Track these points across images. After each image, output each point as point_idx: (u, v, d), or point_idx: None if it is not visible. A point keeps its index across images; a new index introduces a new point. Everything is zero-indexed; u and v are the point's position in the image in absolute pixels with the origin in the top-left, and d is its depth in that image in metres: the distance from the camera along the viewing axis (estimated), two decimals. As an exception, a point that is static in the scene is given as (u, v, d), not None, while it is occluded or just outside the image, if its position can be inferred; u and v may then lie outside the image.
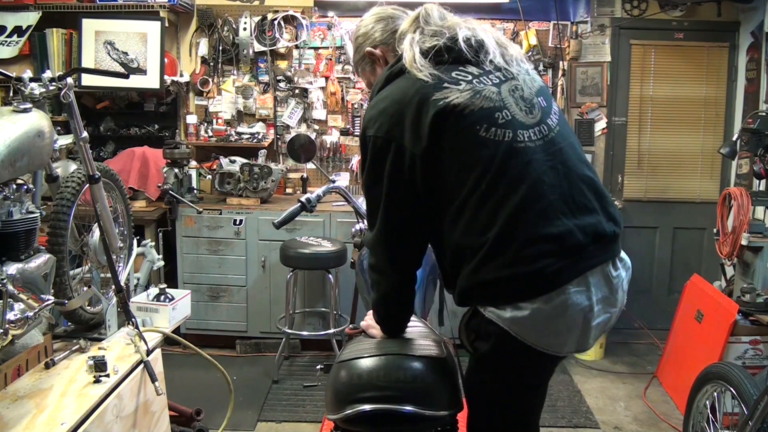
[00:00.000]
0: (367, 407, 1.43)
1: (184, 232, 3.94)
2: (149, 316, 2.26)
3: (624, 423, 3.26)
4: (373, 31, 1.65)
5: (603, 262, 1.39)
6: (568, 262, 1.34)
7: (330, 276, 3.68)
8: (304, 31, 4.30)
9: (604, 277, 1.40)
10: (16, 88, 1.73)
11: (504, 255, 1.33)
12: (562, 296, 1.33)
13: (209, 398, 3.04)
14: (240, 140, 4.31)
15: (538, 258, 1.32)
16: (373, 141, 1.45)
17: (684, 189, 4.45)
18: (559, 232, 1.34)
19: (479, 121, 1.38)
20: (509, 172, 1.36)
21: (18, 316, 1.57)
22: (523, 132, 1.40)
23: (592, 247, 1.37)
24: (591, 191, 1.43)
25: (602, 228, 1.40)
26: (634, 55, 4.35)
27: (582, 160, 1.48)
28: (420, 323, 1.72)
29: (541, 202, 1.35)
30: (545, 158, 1.40)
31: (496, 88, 1.42)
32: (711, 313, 3.27)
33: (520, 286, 1.34)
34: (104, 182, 2.09)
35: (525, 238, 1.33)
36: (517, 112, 1.42)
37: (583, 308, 1.36)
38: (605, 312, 1.41)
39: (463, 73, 1.44)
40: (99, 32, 4.00)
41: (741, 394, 2.23)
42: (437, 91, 1.40)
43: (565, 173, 1.41)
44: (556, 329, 1.36)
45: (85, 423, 1.63)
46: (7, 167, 1.56)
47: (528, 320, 1.33)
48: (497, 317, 1.36)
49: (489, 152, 1.36)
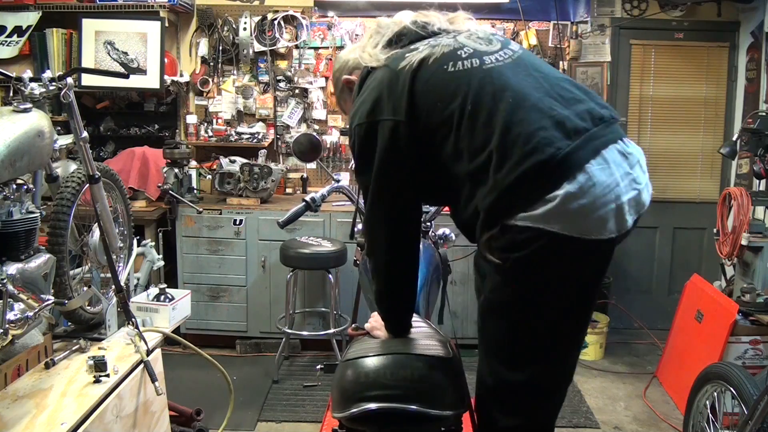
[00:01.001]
0: (373, 406, 1.42)
1: (184, 232, 3.94)
2: (149, 316, 2.26)
3: (624, 423, 3.26)
4: (345, 61, 1.72)
5: (613, 141, 1.37)
6: (579, 143, 1.33)
7: (330, 276, 3.68)
8: (304, 31, 4.30)
9: (620, 154, 1.37)
10: (16, 88, 1.73)
11: (513, 155, 1.32)
12: (585, 175, 1.31)
13: (209, 398, 3.04)
14: (240, 140, 4.31)
15: (546, 145, 1.31)
16: (357, 130, 1.50)
17: (684, 189, 4.45)
18: (557, 120, 1.34)
19: (445, 61, 1.45)
20: (487, 87, 1.39)
21: (18, 316, 1.57)
22: (488, 56, 1.45)
23: (595, 128, 1.36)
24: (574, 87, 1.44)
25: (598, 112, 1.40)
26: (634, 55, 4.35)
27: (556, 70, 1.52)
28: (424, 323, 1.72)
29: (530, 100, 1.37)
30: (518, 70, 1.43)
31: (451, 39, 1.51)
32: (711, 313, 3.27)
33: (540, 177, 1.30)
34: (104, 182, 2.09)
35: (527, 132, 1.32)
36: (477, 46, 1.48)
37: (609, 184, 1.33)
38: (632, 188, 1.37)
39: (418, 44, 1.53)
40: (99, 32, 4.00)
41: (741, 394, 2.23)
42: (401, 60, 1.48)
43: (542, 77, 1.43)
44: (590, 210, 1.31)
45: (85, 423, 1.63)
46: (7, 167, 1.56)
47: (560, 209, 1.29)
48: (530, 219, 1.31)
49: (463, 80, 1.41)
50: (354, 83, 1.67)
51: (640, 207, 1.41)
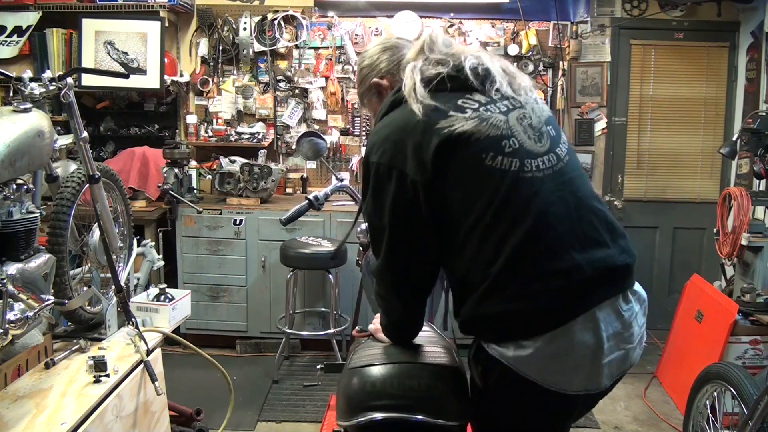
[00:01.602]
0: (379, 416, 1.42)
1: (184, 232, 3.94)
2: (149, 316, 2.26)
3: (624, 423, 3.26)
4: (378, 62, 1.62)
5: (612, 296, 1.34)
6: (574, 298, 1.30)
7: (330, 276, 3.68)
8: (304, 31, 4.30)
9: (615, 312, 1.34)
10: (16, 88, 1.73)
11: (507, 290, 1.30)
12: (567, 334, 1.29)
13: (209, 398, 3.04)
14: (240, 140, 4.31)
15: (543, 294, 1.28)
16: (375, 168, 1.40)
17: (684, 189, 4.44)
18: (566, 267, 1.29)
19: (486, 149, 1.33)
20: (515, 202, 1.31)
21: (18, 316, 1.57)
22: (530, 161, 1.35)
23: (600, 282, 1.32)
24: (601, 224, 1.37)
25: (612, 261, 1.35)
26: (634, 55, 4.35)
27: (592, 192, 1.43)
28: (428, 327, 1.72)
29: (549, 236, 1.30)
30: (554, 188, 1.34)
31: (503, 116, 1.38)
32: (711, 313, 3.27)
33: (522, 323, 1.30)
34: (104, 182, 2.09)
35: (530, 272, 1.29)
36: (525, 140, 1.37)
37: (590, 345, 1.30)
38: (619, 349, 1.35)
39: (469, 101, 1.39)
40: (99, 32, 4.00)
41: (741, 394, 2.23)
42: (442, 118, 1.35)
43: (575, 204, 1.35)
44: (562, 367, 1.31)
45: (85, 423, 1.63)
46: (7, 167, 1.56)
47: (531, 358, 1.29)
48: (500, 355, 1.32)
49: (495, 182, 1.32)
50: (384, 89, 1.61)
51: (627, 366, 1.40)
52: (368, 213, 1.47)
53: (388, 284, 1.49)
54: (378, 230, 1.44)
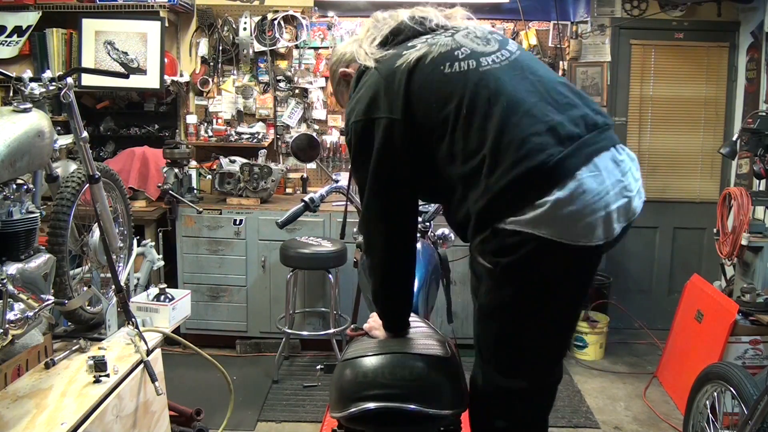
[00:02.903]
0: (371, 405, 1.42)
1: (184, 232, 3.94)
2: (149, 316, 2.26)
3: (624, 423, 3.26)
4: (342, 54, 1.72)
5: (605, 149, 1.38)
6: (571, 150, 1.34)
7: (330, 276, 3.68)
8: (304, 31, 4.30)
9: (612, 162, 1.39)
10: (16, 88, 1.73)
11: (505, 160, 1.34)
12: (576, 182, 1.32)
13: (209, 398, 3.04)
14: (240, 140, 4.32)
15: (539, 151, 1.32)
16: (354, 126, 1.51)
17: (684, 189, 4.45)
18: (551, 125, 1.35)
19: (441, 62, 1.45)
20: (483, 91, 1.39)
21: (18, 316, 1.57)
22: (485, 58, 1.45)
23: (588, 135, 1.37)
24: (569, 91, 1.44)
25: (592, 118, 1.41)
26: (634, 55, 4.35)
27: (553, 72, 1.52)
28: (422, 323, 1.72)
29: (524, 105, 1.37)
30: (514, 74, 1.43)
31: (449, 37, 1.50)
32: (711, 313, 3.27)
33: (531, 182, 1.32)
34: (104, 182, 2.09)
35: (519, 138, 1.34)
36: (475, 46, 1.48)
37: (599, 192, 1.34)
38: (622, 196, 1.39)
39: (416, 41, 1.52)
40: (99, 32, 4.00)
41: (741, 394, 2.23)
42: (398, 58, 1.48)
43: (538, 81, 1.43)
44: (579, 216, 1.33)
45: (85, 423, 1.63)
46: (7, 167, 1.56)
47: (550, 215, 1.31)
48: (519, 224, 1.33)
49: (459, 82, 1.42)
50: (350, 76, 1.67)
51: (630, 215, 1.43)
52: (355, 169, 1.56)
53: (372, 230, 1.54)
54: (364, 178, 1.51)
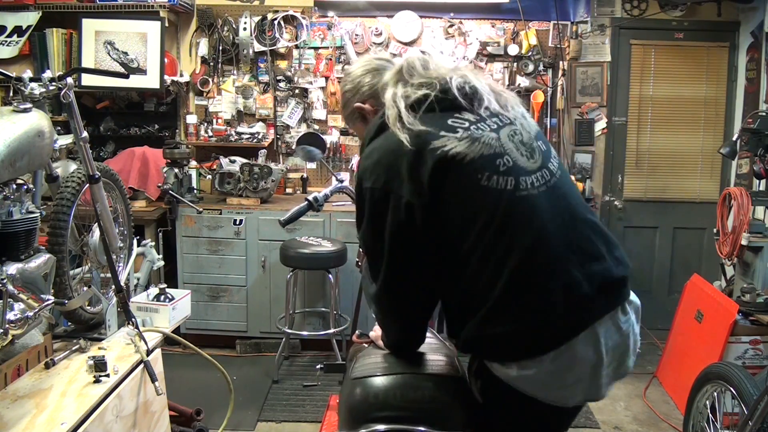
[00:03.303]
0: (381, 428, 1.43)
1: (184, 232, 3.94)
2: (149, 316, 2.26)
3: (624, 423, 3.26)
4: (360, 85, 1.61)
5: (611, 310, 1.35)
6: (576, 315, 1.31)
7: (330, 276, 3.68)
8: (304, 31, 4.30)
9: (614, 326, 1.35)
10: (16, 88, 1.73)
11: (509, 310, 1.30)
12: (570, 351, 1.30)
13: (209, 398, 3.04)
14: (240, 140, 4.32)
15: (545, 313, 1.29)
16: (370, 193, 1.37)
17: (684, 189, 4.45)
18: (566, 284, 1.30)
19: (480, 169, 1.32)
20: (513, 222, 1.31)
21: (18, 316, 1.57)
22: (525, 178, 1.35)
23: (599, 297, 1.33)
24: (596, 236, 1.38)
25: (610, 274, 1.36)
26: (634, 55, 4.35)
27: (584, 204, 1.45)
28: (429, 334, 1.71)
29: (548, 253, 1.31)
30: (549, 205, 1.35)
31: (494, 134, 1.37)
32: (711, 313, 3.27)
33: (525, 343, 1.31)
34: (104, 182, 2.09)
35: (532, 292, 1.30)
36: (518, 157, 1.36)
37: (591, 360, 1.32)
38: (616, 360, 1.38)
39: (459, 120, 1.38)
40: (99, 32, 4.00)
41: (741, 394, 2.23)
42: (434, 139, 1.34)
43: (571, 219, 1.37)
44: (564, 383, 1.33)
45: (85, 423, 1.63)
46: (7, 167, 1.56)
47: (534, 377, 1.31)
48: (503, 374, 1.33)
49: (492, 202, 1.31)
50: (368, 113, 1.60)
51: (621, 374, 1.42)
52: (365, 239, 1.44)
53: (386, 310, 1.49)
54: (375, 256, 1.41)
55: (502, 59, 4.32)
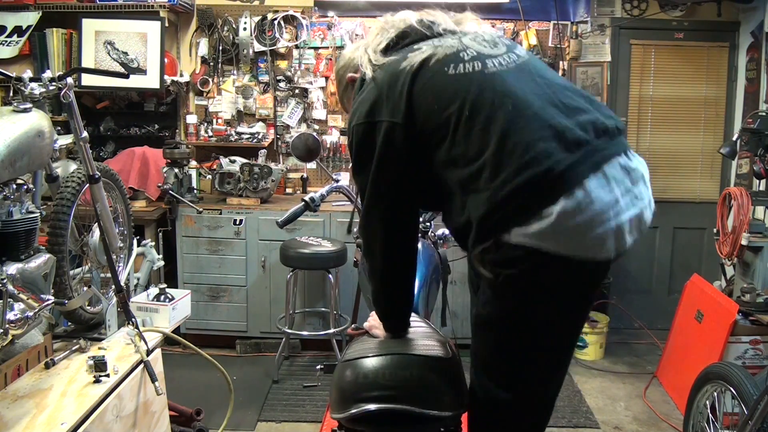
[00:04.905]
0: (372, 407, 1.42)
1: (184, 232, 3.94)
2: (149, 316, 2.26)
3: (624, 423, 3.26)
4: (350, 59, 1.69)
5: (616, 154, 1.32)
6: (578, 157, 1.27)
7: (330, 276, 3.68)
8: (304, 31, 4.30)
9: (623, 169, 1.32)
10: (16, 88, 1.73)
11: (508, 166, 1.27)
12: (584, 190, 1.25)
13: (209, 398, 3.04)
14: (240, 140, 4.32)
15: (545, 157, 1.25)
16: (355, 129, 1.48)
17: (684, 189, 4.45)
18: (558, 130, 1.28)
19: (446, 63, 1.41)
20: (488, 93, 1.35)
21: (18, 316, 1.57)
22: (491, 59, 1.41)
23: (597, 141, 1.31)
24: (577, 95, 1.39)
25: (602, 122, 1.34)
26: (634, 55, 4.35)
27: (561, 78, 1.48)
28: (423, 323, 1.72)
29: (531, 109, 1.31)
30: (521, 76, 1.39)
31: (456, 40, 1.47)
32: (711, 313, 3.27)
33: (536, 191, 1.25)
34: (104, 182, 2.09)
35: (525, 142, 1.27)
36: (481, 48, 1.44)
37: (608, 201, 1.27)
38: (633, 206, 1.32)
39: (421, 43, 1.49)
40: (99, 32, 4.00)
41: (741, 394, 2.23)
42: (402, 61, 1.45)
43: (546, 84, 1.39)
44: (588, 228, 1.26)
45: (85, 423, 1.63)
46: (7, 167, 1.56)
47: (556, 226, 1.24)
48: (524, 236, 1.26)
49: (463, 84, 1.38)
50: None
51: (643, 225, 1.35)
52: (355, 172, 1.51)
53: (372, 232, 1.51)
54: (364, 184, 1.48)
55: (502, 59, 4.32)
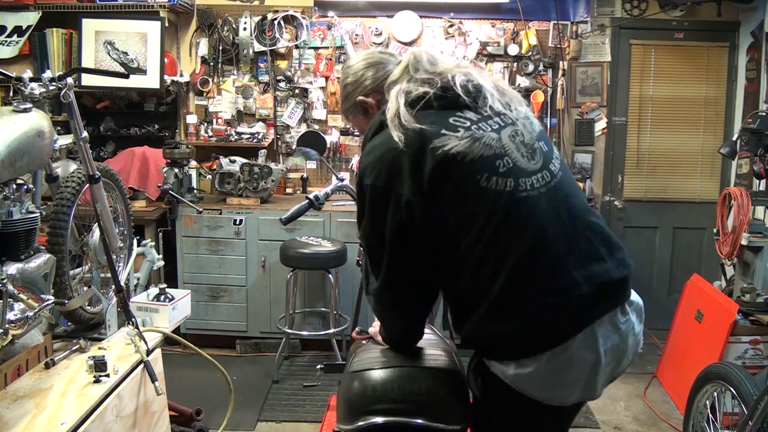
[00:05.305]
0: (379, 420, 1.43)
1: (184, 232, 3.94)
2: (149, 316, 2.26)
3: (624, 423, 3.26)
4: (363, 79, 1.59)
5: (610, 311, 1.35)
6: (574, 316, 1.31)
7: (330, 276, 3.68)
8: (304, 31, 4.30)
9: (613, 326, 1.35)
10: (16, 88, 1.73)
11: (508, 310, 1.31)
12: (567, 352, 1.30)
13: (209, 398, 3.04)
14: (240, 140, 4.32)
15: (543, 313, 1.30)
16: (371, 190, 1.39)
17: (684, 189, 4.45)
18: (565, 285, 1.30)
19: (480, 170, 1.33)
20: (512, 223, 1.31)
21: (18, 316, 1.57)
22: (525, 180, 1.35)
23: (597, 298, 1.33)
24: (597, 238, 1.38)
25: (610, 276, 1.35)
26: (634, 55, 4.35)
27: (586, 206, 1.44)
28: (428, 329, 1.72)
29: (547, 254, 1.31)
30: (549, 206, 1.35)
31: (495, 134, 1.37)
32: (711, 313, 3.27)
33: (523, 343, 1.31)
34: (104, 182, 2.09)
35: (530, 292, 1.30)
36: (519, 158, 1.36)
37: (589, 361, 1.32)
38: (614, 360, 1.38)
39: (461, 119, 1.38)
40: (99, 32, 4.00)
41: (741, 394, 2.23)
42: (435, 138, 1.34)
43: (571, 221, 1.36)
44: (561, 383, 1.33)
45: (85, 423, 1.63)
46: (7, 167, 1.56)
47: (532, 377, 1.31)
48: (501, 372, 1.33)
49: (491, 203, 1.32)
50: (370, 106, 1.58)
51: (617, 373, 1.43)
52: (366, 236, 1.45)
53: (387, 305, 1.50)
54: (376, 252, 1.43)
55: (502, 59, 4.32)
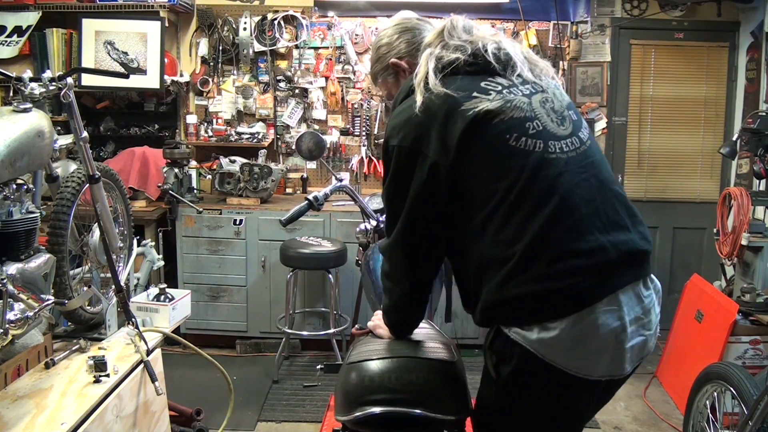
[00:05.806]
0: (377, 410, 1.43)
1: (184, 232, 3.94)
2: (149, 316, 2.26)
3: (624, 423, 3.26)
4: (398, 42, 1.61)
5: (634, 281, 1.33)
6: (599, 280, 1.28)
7: (330, 276, 3.68)
8: (304, 31, 4.30)
9: (636, 297, 1.33)
10: (16, 88, 1.73)
11: (532, 269, 1.27)
12: (592, 315, 1.26)
13: (209, 398, 3.04)
14: (240, 140, 4.32)
15: (569, 274, 1.27)
16: (397, 151, 1.40)
17: (684, 189, 4.44)
18: (591, 248, 1.28)
19: (509, 129, 1.33)
20: (540, 183, 1.30)
21: (18, 316, 1.57)
22: (554, 143, 1.35)
23: (623, 265, 1.31)
24: (622, 208, 1.37)
25: (634, 245, 1.34)
26: (634, 55, 4.35)
27: (612, 176, 1.43)
28: (427, 325, 1.72)
29: (574, 216, 1.30)
30: (577, 170, 1.34)
31: (526, 99, 1.38)
32: (711, 313, 3.27)
33: (548, 304, 1.27)
34: (104, 182, 2.09)
35: (555, 252, 1.28)
36: (549, 122, 1.37)
37: (614, 329, 1.28)
38: (639, 334, 1.33)
39: (492, 83, 1.39)
40: (99, 32, 4.00)
41: (741, 394, 2.23)
42: (466, 100, 1.35)
43: (598, 187, 1.35)
44: (586, 350, 1.28)
45: (85, 423, 1.63)
46: (7, 167, 1.56)
47: (556, 341, 1.26)
48: (523, 338, 1.28)
49: (519, 162, 1.31)
50: (403, 70, 1.60)
51: (644, 353, 1.38)
52: (388, 195, 1.47)
53: (397, 262, 1.49)
54: (397, 212, 1.43)
55: (502, 59, 4.32)
